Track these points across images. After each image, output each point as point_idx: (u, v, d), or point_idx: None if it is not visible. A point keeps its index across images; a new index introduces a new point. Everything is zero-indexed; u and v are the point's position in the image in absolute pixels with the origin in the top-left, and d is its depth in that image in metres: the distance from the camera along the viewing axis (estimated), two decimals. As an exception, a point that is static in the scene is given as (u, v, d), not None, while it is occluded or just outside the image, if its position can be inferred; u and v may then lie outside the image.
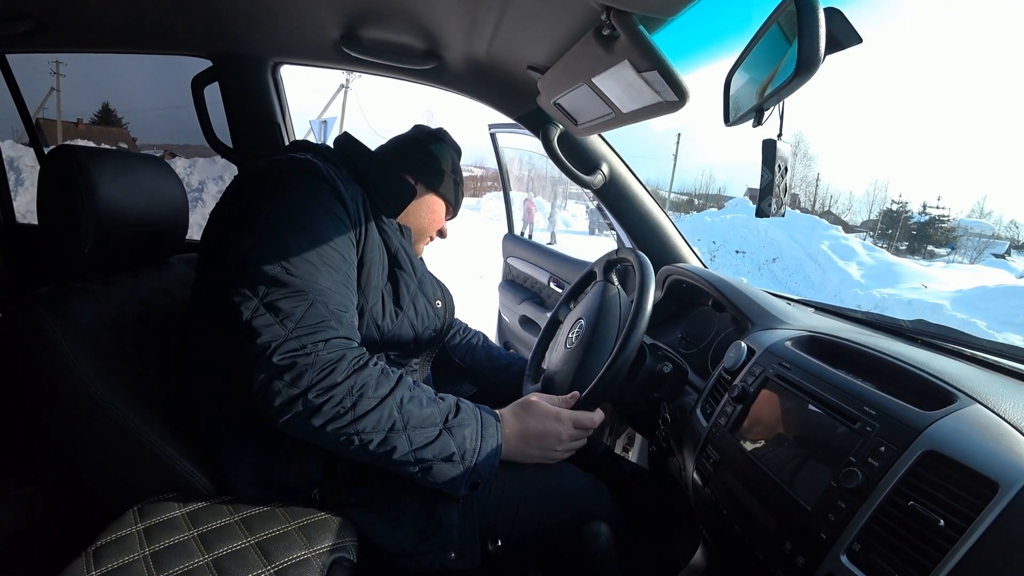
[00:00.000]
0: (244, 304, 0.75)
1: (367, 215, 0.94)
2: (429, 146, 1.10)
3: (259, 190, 0.84)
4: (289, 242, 0.78)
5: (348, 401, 0.74)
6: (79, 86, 29.08)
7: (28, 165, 11.13)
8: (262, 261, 0.76)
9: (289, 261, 0.77)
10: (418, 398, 0.81)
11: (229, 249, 0.80)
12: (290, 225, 0.80)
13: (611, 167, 1.49)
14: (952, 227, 38.39)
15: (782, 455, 0.74)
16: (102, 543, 0.72)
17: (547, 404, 0.94)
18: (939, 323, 0.95)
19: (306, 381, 0.72)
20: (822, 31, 0.59)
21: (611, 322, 1.05)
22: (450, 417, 0.82)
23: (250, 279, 0.76)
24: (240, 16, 1.19)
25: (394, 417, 0.77)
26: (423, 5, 1.02)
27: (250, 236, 0.79)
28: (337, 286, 0.81)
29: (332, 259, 0.82)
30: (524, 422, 0.91)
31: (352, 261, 0.87)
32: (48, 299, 0.82)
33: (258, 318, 0.74)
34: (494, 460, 0.83)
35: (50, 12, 1.13)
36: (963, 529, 0.50)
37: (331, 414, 0.73)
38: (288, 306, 0.75)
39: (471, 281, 7.30)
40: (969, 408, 0.61)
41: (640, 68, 0.80)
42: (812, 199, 48.97)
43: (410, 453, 0.77)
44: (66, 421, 0.82)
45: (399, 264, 0.99)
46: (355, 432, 0.74)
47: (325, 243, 0.81)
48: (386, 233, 0.99)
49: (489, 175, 39.77)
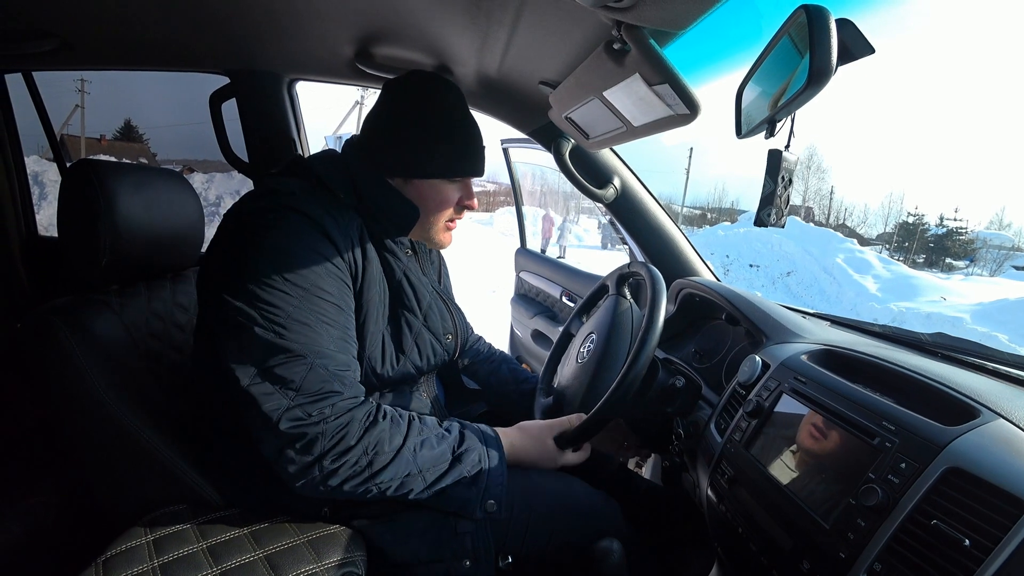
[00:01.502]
0: (241, 370, 0.71)
1: (364, 244, 0.87)
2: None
3: (244, 239, 0.77)
4: (281, 300, 0.73)
5: (364, 460, 0.74)
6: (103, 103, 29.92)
7: (52, 180, 11.42)
8: (254, 323, 0.72)
9: (283, 324, 0.72)
10: (429, 441, 0.81)
11: (219, 305, 0.74)
12: (279, 280, 0.74)
13: (623, 181, 1.49)
14: (971, 239, 37.79)
15: (798, 471, 0.72)
16: (111, 554, 0.72)
17: (550, 443, 0.97)
18: (959, 336, 0.93)
19: (319, 449, 0.72)
20: (834, 42, 0.59)
21: (623, 336, 1.04)
22: (456, 447, 0.84)
23: (245, 343, 0.72)
24: (257, 34, 1.22)
25: (410, 466, 0.78)
26: (435, 22, 1.04)
27: (240, 294, 0.73)
28: (336, 343, 0.77)
29: (328, 314, 0.77)
30: (525, 450, 0.95)
31: (349, 307, 0.82)
32: (65, 310, 0.83)
33: (257, 386, 0.71)
34: (502, 479, 0.85)
35: (75, 31, 1.17)
36: (990, 549, 0.48)
37: (347, 474, 0.74)
38: (288, 373, 0.72)
39: (484, 295, 7.32)
40: (993, 423, 0.59)
41: (651, 82, 0.80)
42: (826, 212, 48.58)
43: (425, 489, 0.80)
44: (78, 431, 0.83)
45: (402, 300, 0.93)
46: (373, 485, 0.76)
47: (319, 296, 0.76)
48: (389, 260, 0.92)
49: (502, 190, 40.00)
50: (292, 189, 0.82)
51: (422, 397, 1.02)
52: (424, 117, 0.89)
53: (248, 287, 0.73)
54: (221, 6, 1.04)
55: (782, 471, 0.74)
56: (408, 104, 0.90)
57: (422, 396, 1.03)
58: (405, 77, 0.93)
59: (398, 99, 0.91)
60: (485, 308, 5.77)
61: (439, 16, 1.00)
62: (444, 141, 0.90)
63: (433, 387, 1.08)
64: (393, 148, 0.90)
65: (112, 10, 1.05)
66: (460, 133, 0.92)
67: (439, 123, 0.90)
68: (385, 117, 0.91)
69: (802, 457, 0.73)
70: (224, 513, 0.83)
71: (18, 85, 1.73)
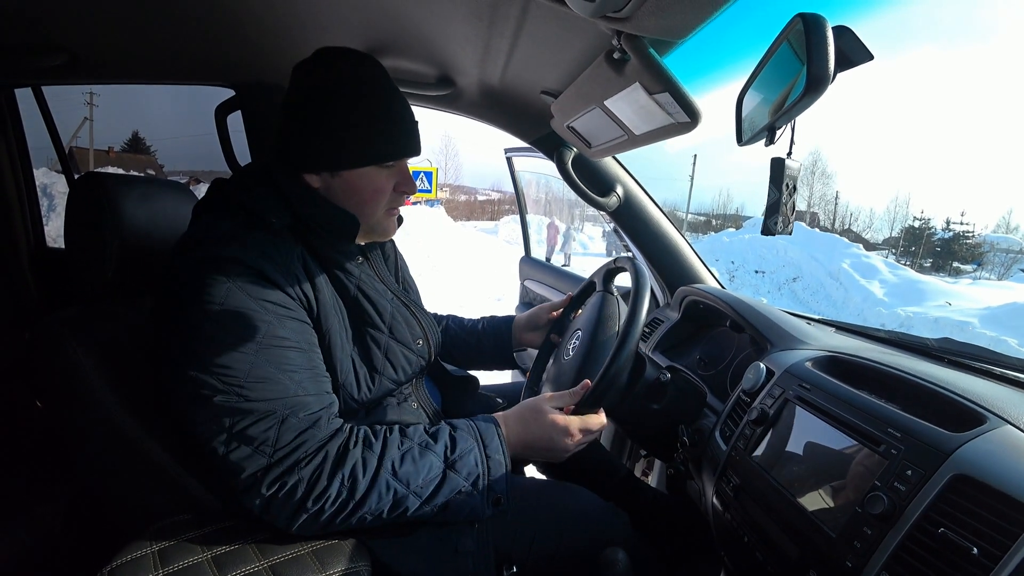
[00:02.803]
0: (213, 439, 0.70)
1: (310, 272, 0.81)
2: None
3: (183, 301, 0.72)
4: (235, 361, 0.70)
5: (344, 492, 0.73)
6: (111, 116, 30.29)
7: (60, 192, 11.54)
8: (214, 391, 0.69)
9: (242, 385, 0.69)
10: (410, 453, 0.78)
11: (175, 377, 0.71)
12: (229, 340, 0.70)
13: (626, 189, 1.49)
14: (978, 243, 37.51)
15: (804, 479, 0.71)
16: (117, 564, 0.72)
17: (553, 415, 0.88)
18: (967, 341, 0.92)
19: (300, 493, 0.72)
20: (831, 49, 0.59)
21: (609, 331, 1.04)
22: (448, 454, 0.80)
23: (210, 413, 0.70)
24: (263, 47, 1.23)
25: (393, 486, 0.76)
26: (438, 34, 1.05)
27: (192, 362, 0.70)
28: (303, 386, 0.74)
29: (290, 361, 0.73)
30: (529, 430, 0.88)
31: (312, 344, 0.78)
32: (72, 320, 0.83)
33: (233, 452, 0.70)
34: (505, 471, 0.82)
35: (83, 46, 1.18)
36: (998, 558, 0.48)
37: (333, 510, 0.73)
38: (259, 432, 0.70)
39: (489, 303, 7.32)
40: (1000, 429, 0.59)
41: (652, 90, 0.80)
42: (832, 217, 48.39)
43: (423, 505, 0.77)
44: (84, 440, 0.83)
45: (363, 318, 0.88)
46: (364, 512, 0.75)
47: (275, 346, 0.72)
48: (340, 278, 0.86)
49: (506, 198, 40.12)
50: (219, 234, 0.76)
51: (413, 408, 0.98)
52: (338, 98, 0.79)
53: (198, 354, 0.70)
54: (228, 20, 1.06)
55: (787, 479, 0.74)
56: (319, 85, 0.80)
57: (413, 406, 0.99)
58: (312, 57, 0.83)
59: (307, 83, 0.81)
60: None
61: (442, 28, 1.01)
62: (365, 123, 0.80)
63: (424, 393, 1.03)
64: (310, 138, 0.80)
65: (121, 25, 1.07)
66: (383, 112, 0.82)
67: (357, 102, 0.80)
68: (296, 105, 0.82)
69: (807, 465, 0.72)
70: (229, 523, 0.83)
71: (27, 99, 1.76)
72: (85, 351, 0.81)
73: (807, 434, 0.75)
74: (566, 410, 0.91)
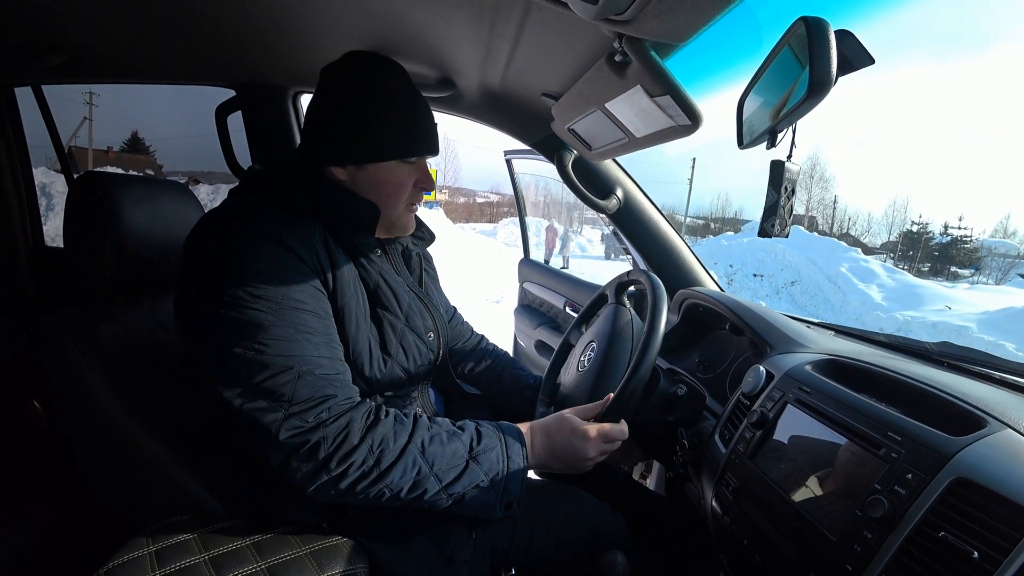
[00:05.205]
0: (229, 393, 0.72)
1: (331, 251, 0.85)
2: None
3: (214, 265, 0.76)
4: (256, 318, 0.73)
5: (371, 460, 0.73)
6: (110, 115, 30.27)
7: (59, 191, 11.53)
8: (234, 344, 0.72)
9: (261, 340, 0.73)
10: (438, 436, 0.79)
11: (198, 333, 0.76)
12: (252, 299, 0.74)
13: (626, 191, 1.50)
14: (976, 247, 37.56)
15: (803, 483, 0.71)
16: (113, 565, 0.72)
17: (577, 421, 0.89)
18: (966, 345, 0.92)
19: (323, 452, 0.72)
20: (833, 53, 0.60)
21: (624, 344, 1.04)
22: (474, 445, 0.81)
23: (229, 366, 0.72)
24: (263, 48, 1.23)
25: (419, 463, 0.76)
26: (439, 36, 1.05)
27: (216, 318, 0.73)
28: (319, 349, 0.77)
29: (306, 323, 0.77)
30: (552, 438, 0.88)
31: (327, 313, 0.81)
32: (70, 320, 0.83)
33: (248, 404, 0.71)
34: (522, 478, 0.82)
35: (84, 46, 1.18)
36: (999, 562, 0.48)
37: (356, 475, 0.73)
38: (276, 386, 0.72)
39: (487, 306, 7.31)
40: (1000, 433, 0.59)
41: (653, 93, 0.80)
42: (830, 221, 48.45)
43: (441, 491, 0.77)
44: (82, 440, 0.83)
45: (381, 302, 0.91)
46: (384, 486, 0.74)
47: (294, 308, 0.76)
48: (364, 264, 0.91)
49: (505, 201, 40.13)
50: (254, 209, 0.82)
51: (417, 411, 0.97)
52: (368, 97, 0.86)
53: (222, 311, 0.73)
54: (228, 21, 1.06)
55: (787, 482, 0.73)
56: (349, 86, 0.87)
57: (417, 410, 0.99)
58: (342, 60, 0.89)
59: (338, 82, 0.88)
60: (489, 318, 5.76)
61: (443, 30, 1.01)
62: (392, 120, 0.87)
63: (429, 399, 1.05)
64: (340, 133, 0.86)
65: (121, 25, 1.07)
66: (409, 111, 0.89)
67: (385, 102, 0.86)
68: (328, 103, 0.88)
69: (807, 468, 0.72)
70: (226, 524, 0.83)
71: (27, 98, 1.76)
72: (83, 351, 0.81)
73: (806, 437, 0.75)
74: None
